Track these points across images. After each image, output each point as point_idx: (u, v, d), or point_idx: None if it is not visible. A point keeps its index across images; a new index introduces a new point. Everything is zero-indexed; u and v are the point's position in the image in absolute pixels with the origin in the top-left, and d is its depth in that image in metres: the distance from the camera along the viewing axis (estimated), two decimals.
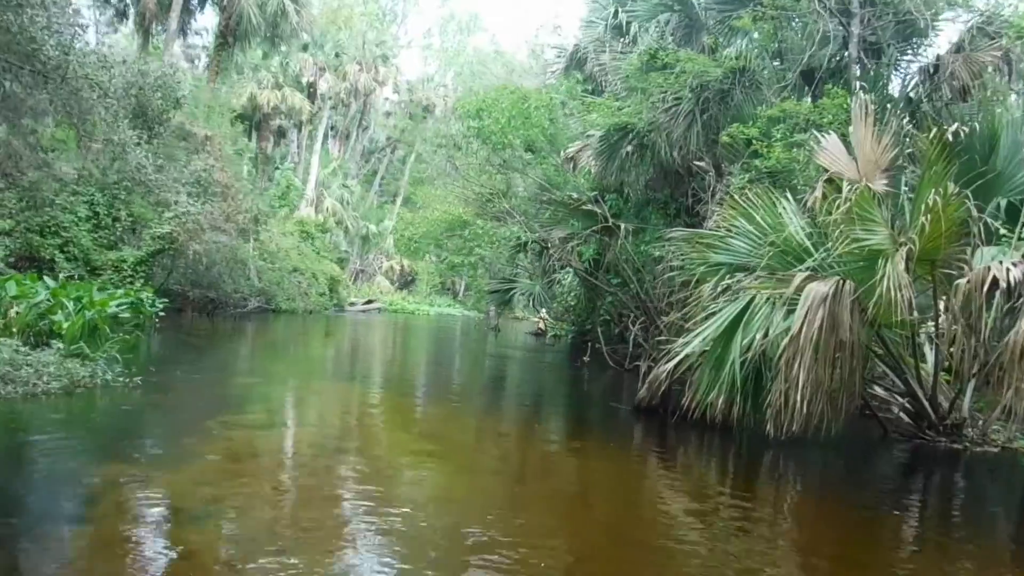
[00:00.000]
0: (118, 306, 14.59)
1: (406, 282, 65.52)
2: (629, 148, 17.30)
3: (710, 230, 12.35)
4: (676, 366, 11.03)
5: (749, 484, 9.73)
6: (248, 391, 13.39)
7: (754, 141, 13.87)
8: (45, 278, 14.07)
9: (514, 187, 20.94)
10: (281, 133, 59.56)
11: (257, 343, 24.48)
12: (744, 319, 10.19)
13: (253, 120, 54.82)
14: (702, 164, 15.63)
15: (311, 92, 57.71)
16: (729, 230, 11.61)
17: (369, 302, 50.84)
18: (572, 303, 25.57)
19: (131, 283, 23.52)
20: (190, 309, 27.64)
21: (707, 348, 10.56)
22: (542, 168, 19.25)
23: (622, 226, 17.52)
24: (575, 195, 18.56)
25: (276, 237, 35.80)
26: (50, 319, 12.16)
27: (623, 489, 8.94)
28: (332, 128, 64.86)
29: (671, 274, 13.30)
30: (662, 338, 12.82)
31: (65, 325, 11.96)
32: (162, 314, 20.83)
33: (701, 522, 7.54)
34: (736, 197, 11.83)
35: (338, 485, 7.80)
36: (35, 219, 22.01)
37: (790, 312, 9.74)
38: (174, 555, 5.32)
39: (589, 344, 22.22)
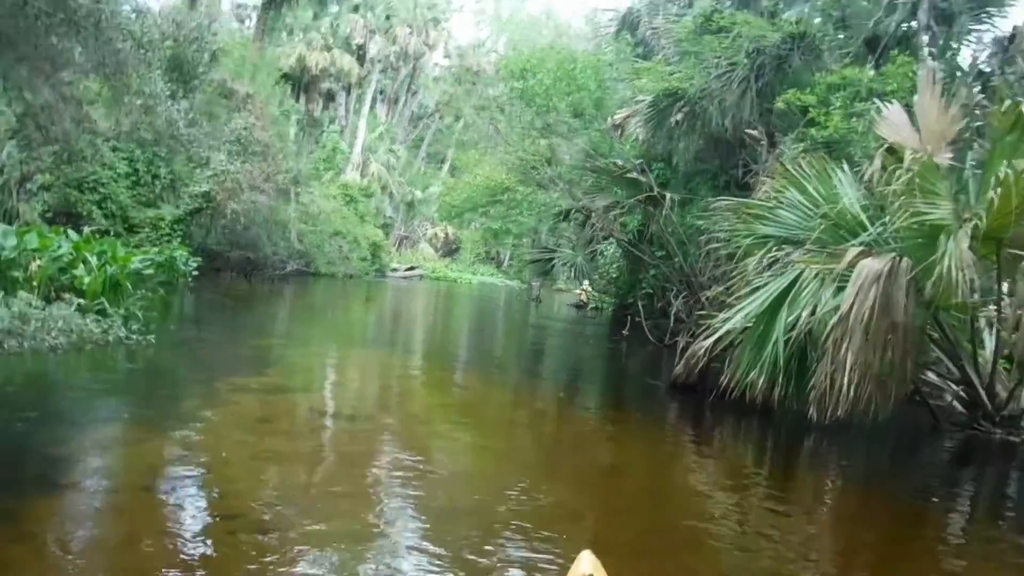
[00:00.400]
0: (142, 263, 14.23)
1: (451, 250, 65.07)
2: (679, 116, 16.61)
3: (759, 201, 11.67)
4: (715, 343, 10.42)
5: (788, 470, 9.19)
6: (269, 353, 13.03)
7: (811, 109, 13.15)
8: (69, 232, 13.77)
9: (559, 154, 20.27)
10: (330, 96, 59.24)
11: (291, 305, 24.26)
12: (790, 295, 9.54)
13: (302, 82, 54.56)
14: (754, 133, 14.89)
15: (360, 55, 57.27)
16: (779, 201, 10.94)
17: (411, 269, 50.59)
18: (614, 275, 24.92)
19: (168, 241, 23.44)
20: (228, 269, 27.50)
21: (749, 325, 9.93)
22: (587, 134, 18.57)
23: (667, 196, 16.86)
24: (619, 162, 17.91)
25: (318, 200, 35.49)
26: (72, 274, 11.88)
27: (653, 469, 8.45)
28: (381, 92, 64.37)
29: (715, 246, 12.65)
30: (702, 312, 12.21)
31: (86, 280, 11.69)
32: (196, 273, 20.66)
33: (734, 506, 7.05)
34: (788, 166, 11.16)
35: (349, 456, 7.38)
36: (74, 174, 21.91)
37: (840, 289, 9.08)
38: (142, 531, 4.87)
39: (629, 318, 21.63)
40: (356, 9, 55.97)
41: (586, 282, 31.48)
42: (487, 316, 32.15)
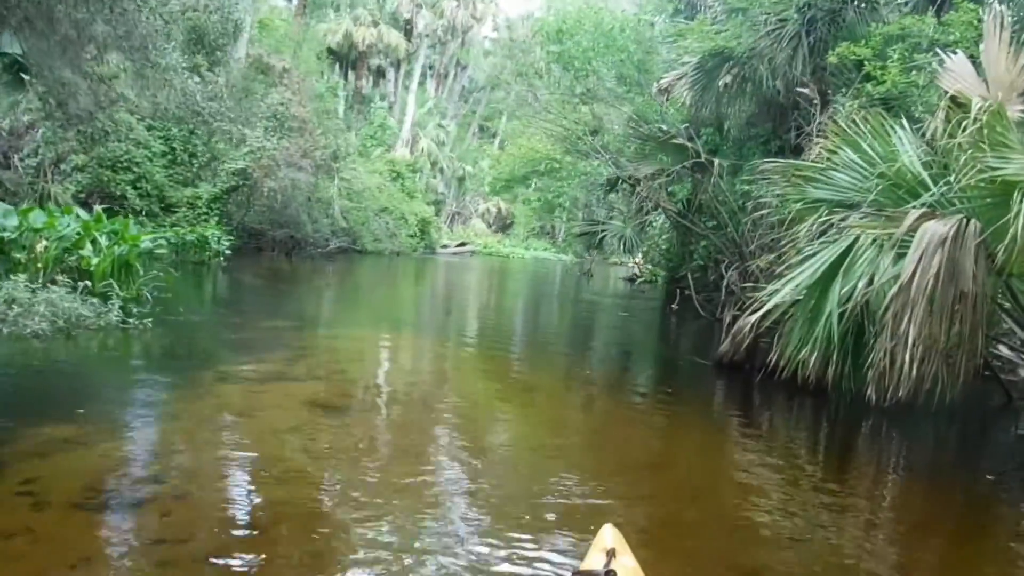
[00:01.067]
0: (153, 242, 13.74)
1: (504, 225, 64.55)
2: (727, 78, 15.72)
3: (809, 162, 10.76)
4: (763, 317, 9.57)
5: (843, 456, 8.38)
6: (280, 337, 12.11)
7: (866, 63, 12.18)
8: (78, 210, 13.32)
9: (606, 124, 19.41)
10: (380, 73, 58.86)
11: (326, 284, 23.62)
12: (845, 264, 8.64)
13: (349, 58, 54.31)
14: (805, 91, 13.93)
15: (408, 30, 56.80)
16: (832, 162, 10.02)
17: (462, 245, 50.26)
18: (663, 247, 24.07)
19: (205, 220, 23.24)
20: (270, 248, 27.23)
21: (800, 297, 9.08)
22: (630, 98, 17.71)
23: (716, 162, 15.96)
24: (664, 127, 17.03)
25: (362, 176, 35.10)
26: (80, 254, 11.43)
27: (694, 456, 7.73)
28: (430, 67, 63.83)
29: (763, 212, 11.78)
30: (749, 284, 11.38)
31: (94, 261, 11.23)
32: (228, 252, 20.26)
33: (784, 496, 6.34)
34: (841, 123, 10.23)
35: (350, 459, 6.39)
36: (108, 154, 21.71)
37: (900, 256, 8.18)
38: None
39: (679, 291, 20.81)
40: None
41: (639, 255, 30.65)
42: (534, 292, 31.44)
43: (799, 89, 14.16)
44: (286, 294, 19.65)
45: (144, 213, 22.28)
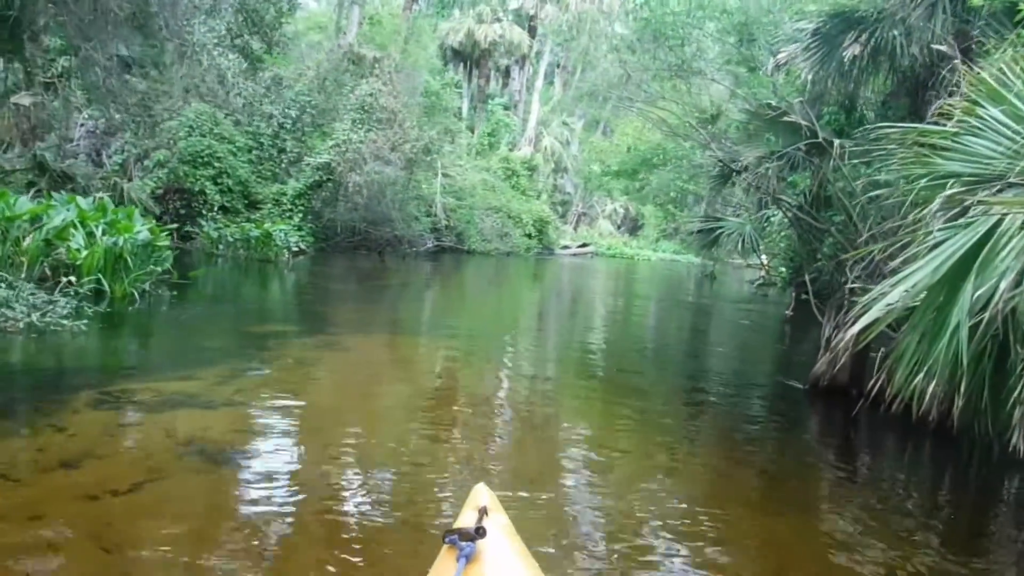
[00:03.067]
0: (151, 233, 12.17)
1: (634, 227, 62.22)
2: (855, 48, 13.21)
3: (938, 127, 8.25)
4: (865, 329, 7.11)
5: (977, 533, 5.93)
6: (252, 345, 10.09)
7: (1021, 4, 9.60)
8: (79, 198, 11.94)
9: (726, 110, 17.01)
10: (505, 71, 57.63)
11: (398, 284, 21.41)
12: (981, 257, 6.12)
13: (473, 57, 53.22)
14: (943, 48, 11.33)
15: (532, 26, 55.33)
16: (970, 124, 7.49)
17: (583, 245, 48.64)
18: (782, 245, 21.38)
19: (290, 217, 22.23)
20: (365, 247, 25.87)
21: (916, 303, 6.61)
22: (730, 69, 15.33)
23: (836, 142, 13.40)
24: (773, 103, 14.56)
25: (469, 172, 33.64)
26: (68, 247, 10.03)
27: (771, 524, 5.51)
28: (557, 65, 62.22)
29: (879, 192, 9.33)
30: (854, 287, 8.95)
31: (82, 255, 9.80)
32: (296, 249, 18.92)
33: None
34: (983, 74, 7.71)
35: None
36: (189, 149, 20.94)
37: None
38: None
39: (794, 296, 18.27)
40: None
41: (765, 256, 27.95)
42: (646, 296, 28.88)
43: (935, 46, 11.56)
44: (331, 295, 17.68)
45: (223, 209, 21.39)
